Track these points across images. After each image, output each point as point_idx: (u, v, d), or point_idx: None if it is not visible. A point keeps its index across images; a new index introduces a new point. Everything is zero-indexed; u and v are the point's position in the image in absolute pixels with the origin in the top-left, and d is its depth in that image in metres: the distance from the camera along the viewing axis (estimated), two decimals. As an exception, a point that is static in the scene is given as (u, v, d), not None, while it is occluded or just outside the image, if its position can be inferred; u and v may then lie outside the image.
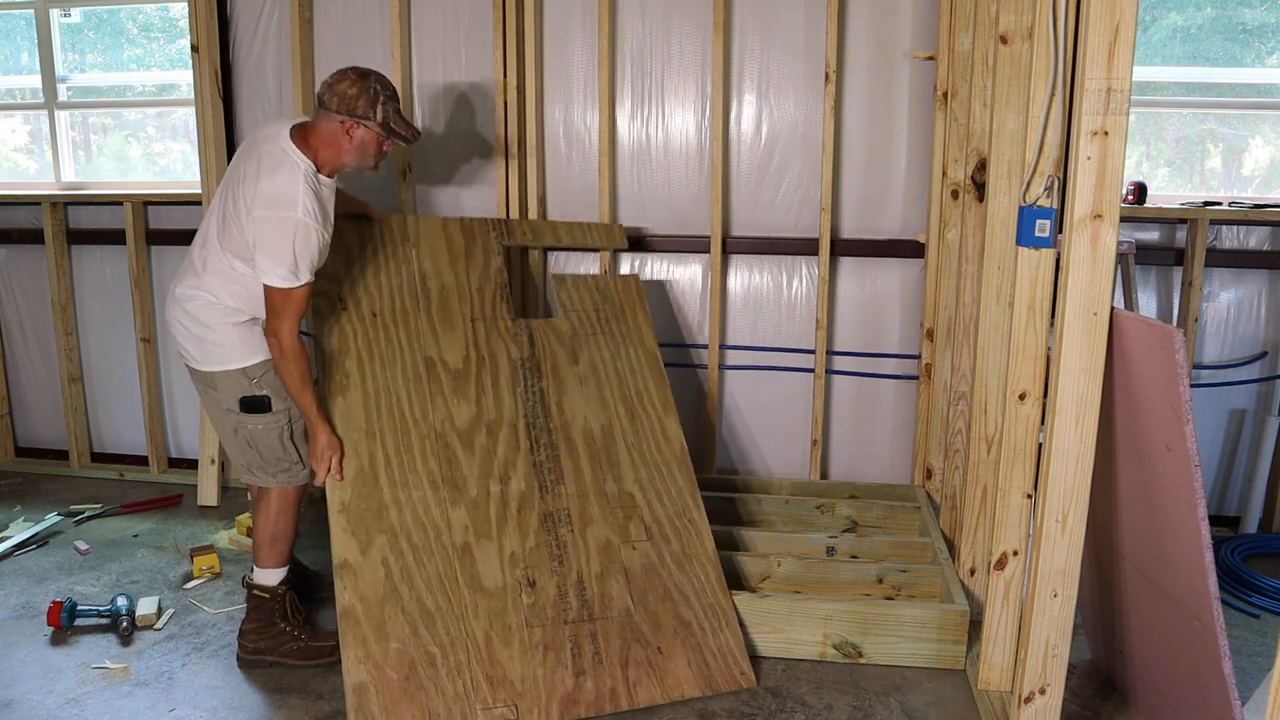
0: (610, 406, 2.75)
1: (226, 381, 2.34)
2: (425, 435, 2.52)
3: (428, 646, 2.19)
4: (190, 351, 2.37)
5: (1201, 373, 3.30)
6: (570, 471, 2.57)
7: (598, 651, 2.27)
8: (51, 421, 4.05)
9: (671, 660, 2.30)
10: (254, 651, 2.42)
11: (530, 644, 2.24)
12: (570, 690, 2.20)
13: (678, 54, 3.31)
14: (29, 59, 3.92)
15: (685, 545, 2.54)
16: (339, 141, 2.30)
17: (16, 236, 3.88)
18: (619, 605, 2.36)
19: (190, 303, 2.33)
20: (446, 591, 2.28)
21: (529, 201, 3.37)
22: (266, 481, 2.42)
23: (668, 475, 2.67)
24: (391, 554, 2.30)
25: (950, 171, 2.89)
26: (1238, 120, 3.37)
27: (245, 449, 2.39)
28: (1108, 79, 1.70)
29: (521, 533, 2.42)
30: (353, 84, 2.28)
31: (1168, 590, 1.89)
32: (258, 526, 2.45)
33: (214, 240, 2.32)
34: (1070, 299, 1.80)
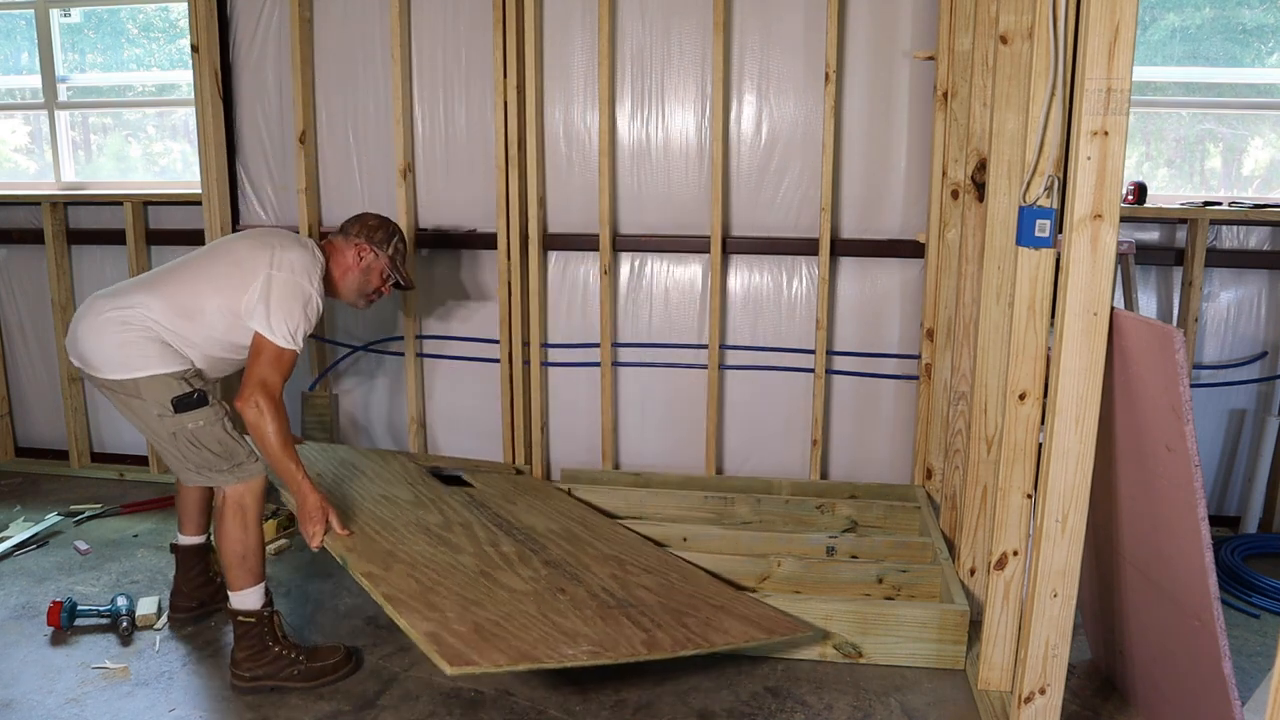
0: (560, 520, 2.90)
1: (153, 386, 2.24)
2: (407, 524, 2.57)
3: (486, 617, 2.08)
4: (108, 360, 2.25)
5: (1201, 373, 3.30)
6: (551, 545, 2.65)
7: (654, 620, 2.25)
8: (51, 421, 4.05)
9: (725, 620, 2.31)
10: (251, 680, 2.31)
11: (585, 618, 2.19)
12: (646, 638, 2.15)
13: (678, 54, 3.31)
14: (29, 59, 3.92)
15: (685, 575, 2.60)
16: (348, 262, 2.53)
17: (16, 236, 3.88)
18: (651, 601, 2.36)
19: (125, 312, 2.26)
20: (480, 591, 2.23)
21: (529, 201, 3.37)
22: (223, 480, 2.30)
23: (641, 545, 2.81)
24: (415, 575, 2.24)
25: (950, 171, 2.89)
26: (1237, 120, 3.37)
27: (191, 449, 2.28)
28: (1108, 79, 1.69)
29: (532, 569, 2.45)
30: (378, 220, 2.59)
31: (1168, 590, 1.89)
32: (223, 547, 2.31)
33: (194, 278, 2.34)
34: (1070, 299, 1.80)
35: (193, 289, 2.32)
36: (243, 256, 2.36)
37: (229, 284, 2.31)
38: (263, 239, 2.42)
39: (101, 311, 2.28)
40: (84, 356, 2.29)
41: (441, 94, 3.46)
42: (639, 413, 3.56)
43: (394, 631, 2.59)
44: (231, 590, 2.34)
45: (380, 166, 3.54)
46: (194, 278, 2.35)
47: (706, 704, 2.25)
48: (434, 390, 3.66)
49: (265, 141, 3.61)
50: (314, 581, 2.92)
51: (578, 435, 3.60)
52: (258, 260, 2.33)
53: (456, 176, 3.50)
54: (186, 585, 2.67)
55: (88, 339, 2.28)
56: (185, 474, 2.35)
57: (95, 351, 2.26)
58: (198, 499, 2.64)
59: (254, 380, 2.25)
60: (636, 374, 3.53)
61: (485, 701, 2.27)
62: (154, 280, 2.36)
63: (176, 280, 2.34)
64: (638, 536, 2.91)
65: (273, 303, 2.28)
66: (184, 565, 2.67)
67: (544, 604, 2.23)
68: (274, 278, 2.31)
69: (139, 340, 2.25)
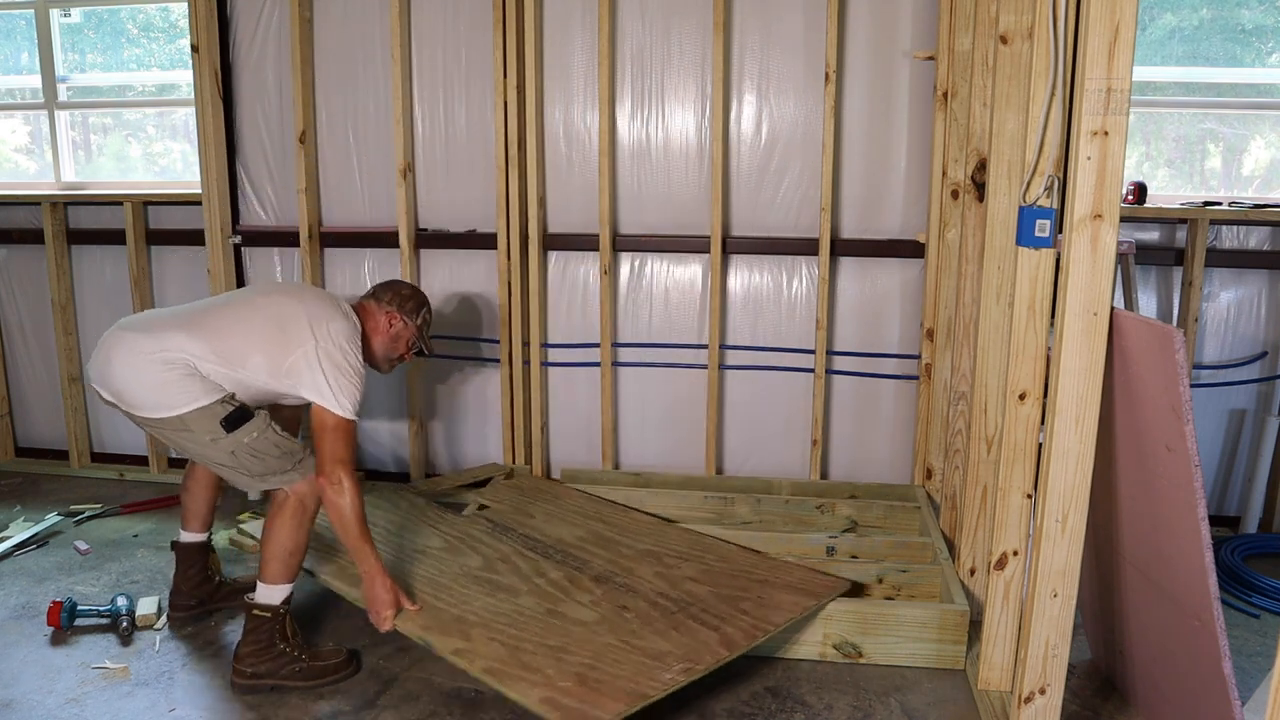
0: (582, 523, 3.02)
1: (199, 418, 2.23)
2: (455, 578, 2.61)
3: (579, 662, 2.16)
4: (148, 401, 2.23)
5: (1201, 373, 3.30)
6: (589, 556, 2.77)
7: (717, 615, 2.39)
8: (51, 421, 4.06)
9: (775, 595, 2.48)
10: (252, 676, 2.30)
11: (659, 631, 2.31)
12: (720, 638, 2.27)
13: (678, 54, 3.31)
14: (29, 59, 3.92)
15: (720, 554, 2.76)
16: (380, 327, 2.54)
17: (16, 236, 3.88)
18: (703, 593, 2.52)
19: (166, 354, 2.23)
20: (559, 634, 2.30)
21: (529, 201, 3.38)
22: (289, 480, 2.31)
23: (664, 529, 2.97)
24: (495, 636, 2.28)
25: (950, 171, 2.89)
26: (1237, 120, 3.37)
27: (253, 460, 2.28)
28: (1108, 79, 1.69)
29: (587, 590, 2.56)
30: (410, 289, 2.62)
31: (1168, 590, 1.89)
32: (273, 539, 2.30)
33: (236, 331, 2.31)
34: (1070, 299, 1.79)
35: (235, 342, 2.29)
36: (285, 320, 2.34)
37: (271, 345, 2.30)
38: (302, 301, 2.40)
39: (138, 350, 2.24)
40: (120, 395, 2.26)
41: (441, 94, 3.46)
42: (639, 413, 3.56)
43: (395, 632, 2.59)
44: (262, 581, 2.33)
45: (380, 166, 3.54)
46: (235, 331, 2.31)
47: (706, 704, 2.25)
48: (434, 390, 3.66)
49: (265, 141, 3.61)
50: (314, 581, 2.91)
51: (578, 435, 3.60)
52: (300, 327, 2.32)
53: (456, 176, 3.50)
54: (186, 584, 2.67)
55: (123, 377, 2.24)
56: (251, 485, 2.34)
57: (133, 392, 2.24)
58: (206, 497, 2.64)
59: (332, 458, 2.25)
60: (636, 374, 3.53)
61: (485, 701, 2.27)
62: (192, 323, 2.31)
63: (216, 328, 2.31)
64: (655, 519, 3.06)
65: (330, 378, 2.28)
66: (184, 563, 2.67)
67: (618, 629, 2.33)
68: (325, 353, 2.30)
69: (180, 378, 2.22)
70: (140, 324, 2.34)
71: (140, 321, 2.36)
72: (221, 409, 2.24)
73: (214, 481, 2.64)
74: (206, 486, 2.64)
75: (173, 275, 3.82)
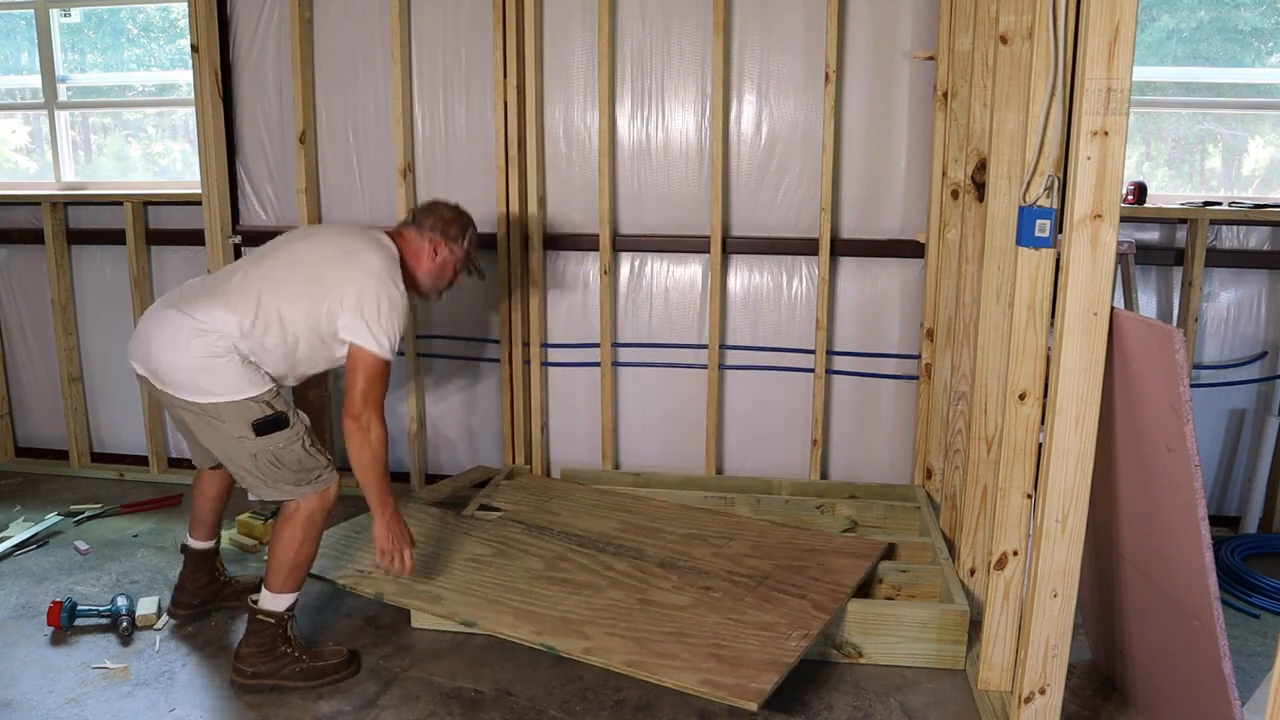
0: (611, 514, 3.08)
1: (234, 411, 2.18)
2: (527, 580, 2.62)
3: (705, 643, 2.25)
4: (187, 384, 2.17)
5: (1201, 373, 3.30)
6: (640, 545, 2.84)
7: (794, 585, 2.54)
8: (51, 421, 4.05)
9: (832, 560, 2.68)
10: (253, 676, 2.29)
11: (754, 605, 2.44)
12: (811, 604, 2.43)
13: (678, 54, 3.31)
14: (29, 59, 3.92)
15: (757, 530, 2.94)
16: (422, 256, 2.44)
17: (16, 236, 3.88)
18: (768, 567, 2.67)
19: (207, 335, 2.18)
20: (667, 620, 2.37)
21: (529, 201, 3.38)
22: (299, 493, 2.27)
23: (693, 515, 3.08)
24: (611, 631, 2.32)
25: (950, 171, 2.89)
26: (1237, 120, 3.37)
27: (272, 469, 2.23)
28: (1108, 79, 1.70)
29: (661, 576, 2.63)
30: (453, 213, 2.50)
31: (1168, 590, 1.89)
32: (279, 550, 2.28)
33: (274, 290, 2.24)
34: (1070, 299, 1.80)
35: (273, 303, 2.22)
36: (320, 264, 2.27)
37: (309, 295, 2.23)
38: (335, 240, 2.34)
39: (178, 328, 2.18)
40: (159, 374, 2.20)
41: (441, 94, 3.46)
42: (639, 413, 3.56)
43: (394, 631, 2.59)
44: (268, 589, 2.31)
45: (380, 166, 3.54)
46: (274, 290, 2.24)
47: (706, 704, 2.25)
48: (433, 390, 3.66)
49: (265, 141, 3.61)
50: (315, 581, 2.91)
51: (578, 435, 3.60)
52: (337, 267, 2.26)
53: (456, 176, 3.50)
54: (192, 584, 2.66)
55: (163, 356, 2.19)
56: (261, 490, 2.29)
57: (172, 371, 2.18)
58: (213, 506, 2.62)
59: (362, 397, 2.20)
60: (636, 374, 3.53)
61: (485, 701, 2.27)
62: (230, 294, 2.24)
63: (255, 293, 2.23)
64: (674, 505, 3.18)
65: (368, 313, 2.21)
66: (192, 566, 2.66)
67: (717, 609, 2.42)
68: (365, 285, 2.22)
69: (221, 364, 2.16)
70: (180, 300, 2.26)
71: (179, 298, 2.28)
72: (258, 409, 2.19)
73: (221, 491, 2.62)
74: (215, 499, 2.62)
75: (173, 275, 3.81)
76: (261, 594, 2.32)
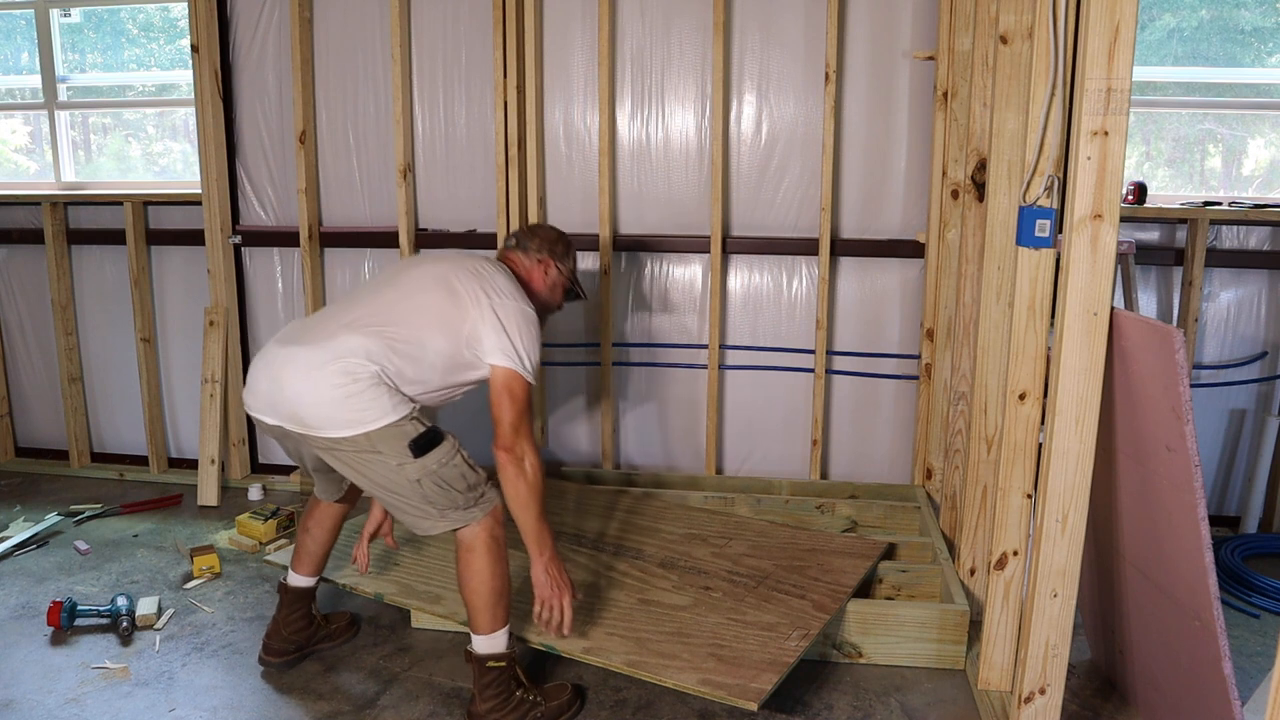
0: (611, 515, 3.07)
1: (387, 436, 2.00)
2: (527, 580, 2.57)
3: (705, 643, 2.27)
4: (333, 418, 1.99)
5: (1201, 373, 3.30)
6: (639, 545, 2.84)
7: (794, 585, 2.56)
8: (51, 421, 4.06)
9: (831, 561, 2.69)
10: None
11: (754, 606, 2.46)
12: (812, 604, 2.44)
13: (678, 54, 3.31)
14: (29, 59, 3.92)
15: (757, 530, 2.94)
16: (534, 277, 2.36)
17: (16, 236, 3.88)
18: (768, 567, 2.68)
19: (345, 362, 2.01)
20: (667, 620, 2.39)
21: (529, 201, 3.38)
22: (470, 517, 2.09)
23: (689, 514, 3.07)
24: (612, 631, 2.34)
25: (950, 171, 2.89)
26: (1237, 120, 3.37)
27: (439, 491, 2.05)
28: (1108, 79, 1.70)
29: (661, 576, 2.64)
30: (555, 232, 2.45)
31: (1168, 590, 1.89)
32: (475, 586, 2.08)
33: (411, 316, 2.11)
34: (1070, 299, 1.80)
35: (413, 329, 2.09)
36: (450, 286, 2.14)
37: (446, 318, 2.11)
38: (459, 264, 2.21)
39: (312, 363, 2.01)
40: (300, 416, 2.01)
41: (441, 94, 3.46)
42: (639, 413, 3.56)
43: (394, 631, 2.59)
44: (480, 633, 2.11)
45: (380, 166, 3.54)
46: (411, 316, 2.11)
47: (706, 704, 2.25)
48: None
49: (265, 141, 3.61)
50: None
51: (577, 435, 3.60)
52: (469, 288, 2.13)
53: (456, 176, 3.50)
54: (287, 628, 2.41)
55: (303, 396, 2.00)
56: (431, 524, 2.08)
57: (315, 409, 2.00)
58: (326, 538, 2.43)
59: (513, 427, 2.06)
60: (636, 374, 3.53)
61: (485, 701, 2.26)
62: (358, 322, 2.09)
63: (387, 320, 2.09)
64: (672, 504, 3.18)
65: (512, 334, 2.09)
66: (289, 607, 2.41)
67: (717, 609, 2.44)
68: (504, 306, 2.12)
69: (366, 390, 1.99)
70: (301, 336, 2.10)
71: (300, 333, 2.12)
72: (412, 428, 2.02)
73: (336, 525, 2.44)
74: (328, 530, 2.42)
75: (173, 275, 3.82)
76: (474, 640, 2.13)
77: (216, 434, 3.63)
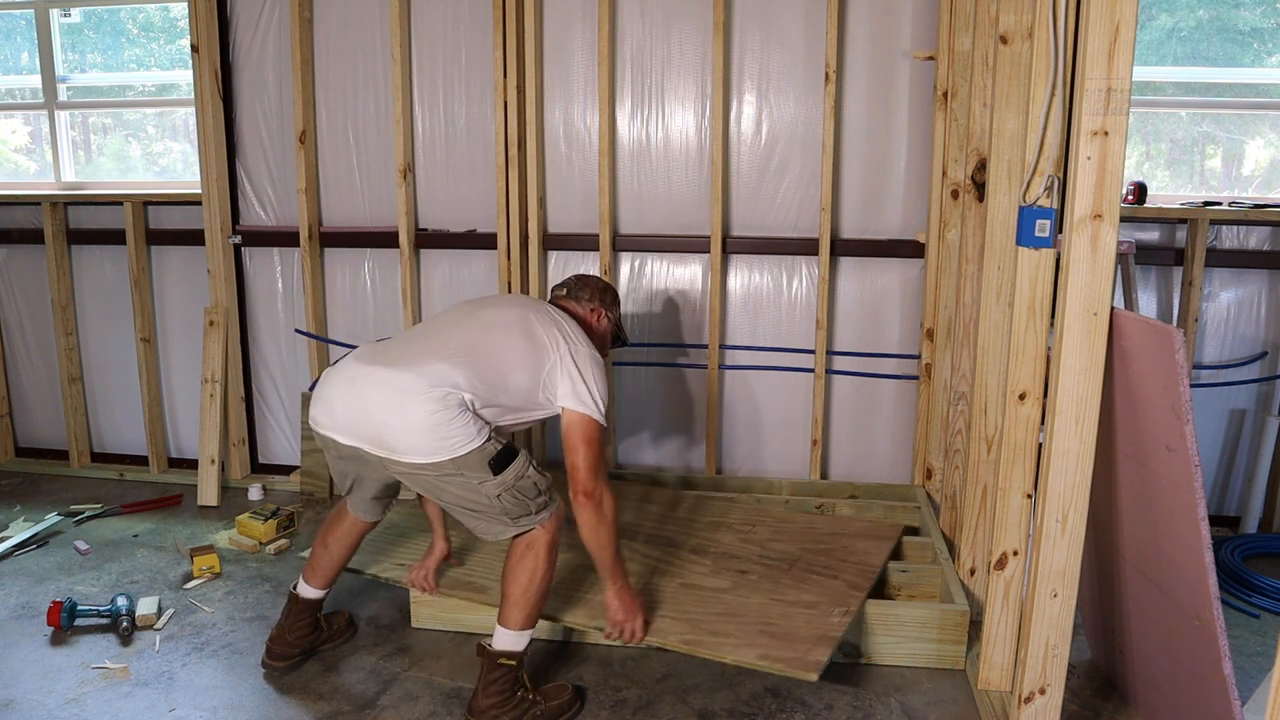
0: (629, 506, 3.10)
1: (473, 459, 2.05)
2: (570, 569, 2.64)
3: (754, 621, 2.36)
4: (421, 446, 2.04)
5: (1201, 373, 3.30)
6: (669, 533, 2.91)
7: (825, 566, 2.67)
8: (51, 421, 4.06)
9: (855, 543, 2.81)
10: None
11: (792, 586, 2.55)
12: (845, 583, 2.54)
13: (678, 54, 3.31)
14: (29, 59, 3.92)
15: (776, 516, 3.03)
16: (590, 322, 2.46)
17: (16, 236, 3.88)
18: (795, 550, 2.78)
19: (437, 391, 2.05)
20: (712, 602, 2.47)
21: (529, 201, 3.38)
22: (539, 520, 2.15)
23: (706, 502, 3.15)
24: (664, 613, 2.41)
25: (950, 171, 2.89)
26: (1237, 121, 3.37)
27: (515, 502, 2.10)
28: (1108, 79, 1.70)
29: (696, 561, 2.71)
30: (603, 283, 2.54)
31: (1168, 590, 1.89)
32: (522, 582, 2.14)
33: (497, 352, 2.18)
34: (1070, 299, 1.80)
35: (498, 365, 2.16)
36: (528, 328, 2.23)
37: (526, 357, 2.18)
38: (537, 308, 2.32)
39: (406, 390, 2.05)
40: (385, 441, 2.07)
41: (441, 94, 3.46)
42: (639, 413, 3.56)
43: (394, 631, 2.59)
44: (509, 628, 2.15)
45: (380, 166, 3.54)
46: (497, 351, 2.18)
47: (706, 704, 2.25)
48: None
49: (265, 141, 3.61)
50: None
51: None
52: (546, 332, 2.23)
53: (456, 176, 3.50)
54: (292, 634, 2.42)
55: (391, 422, 2.05)
56: (504, 529, 2.15)
57: (405, 435, 2.04)
58: (343, 556, 2.45)
59: (591, 470, 2.14)
60: (636, 374, 3.53)
61: (485, 701, 2.26)
62: (445, 351, 2.14)
63: (474, 353, 2.16)
64: (690, 495, 3.24)
65: (587, 380, 2.18)
66: (296, 614, 2.43)
67: (758, 590, 2.53)
68: (579, 354, 2.21)
69: (456, 419, 2.04)
70: (389, 358, 2.14)
71: (385, 356, 2.16)
72: (491, 447, 2.08)
73: (356, 542, 2.46)
74: (347, 547, 2.44)
75: (173, 275, 3.82)
76: (498, 634, 2.16)
77: (216, 434, 3.63)
